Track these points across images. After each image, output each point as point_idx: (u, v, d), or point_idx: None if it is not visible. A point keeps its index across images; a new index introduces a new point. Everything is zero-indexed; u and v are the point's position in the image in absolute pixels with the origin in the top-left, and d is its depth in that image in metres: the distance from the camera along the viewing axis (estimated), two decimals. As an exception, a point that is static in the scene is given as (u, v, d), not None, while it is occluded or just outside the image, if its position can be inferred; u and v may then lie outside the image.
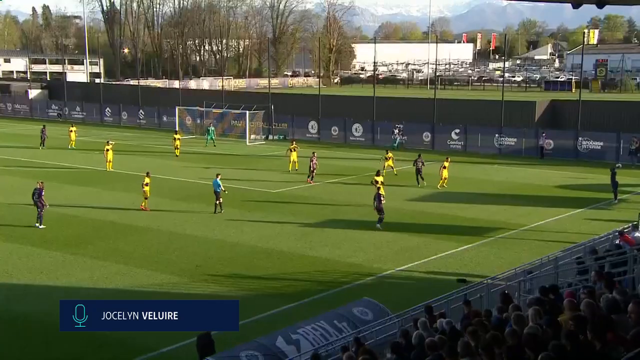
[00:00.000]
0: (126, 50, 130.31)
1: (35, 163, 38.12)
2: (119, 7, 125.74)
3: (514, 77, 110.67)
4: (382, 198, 24.28)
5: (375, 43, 71.79)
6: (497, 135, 44.11)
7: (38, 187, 24.16)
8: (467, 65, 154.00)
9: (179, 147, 40.51)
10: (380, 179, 26.79)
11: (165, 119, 57.65)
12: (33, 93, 72.19)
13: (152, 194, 27.20)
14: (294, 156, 35.57)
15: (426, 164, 32.92)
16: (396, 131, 46.69)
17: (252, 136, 49.32)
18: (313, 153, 32.49)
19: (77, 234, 23.20)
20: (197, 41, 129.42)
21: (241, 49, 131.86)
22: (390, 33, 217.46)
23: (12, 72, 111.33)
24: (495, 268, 19.30)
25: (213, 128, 47.39)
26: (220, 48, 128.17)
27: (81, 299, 16.98)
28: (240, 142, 46.90)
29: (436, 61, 62.80)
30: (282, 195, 29.99)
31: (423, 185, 31.72)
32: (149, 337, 13.36)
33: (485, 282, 14.71)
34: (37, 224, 23.74)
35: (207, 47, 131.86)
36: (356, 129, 49.30)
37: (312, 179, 31.98)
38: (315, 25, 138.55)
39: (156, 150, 42.90)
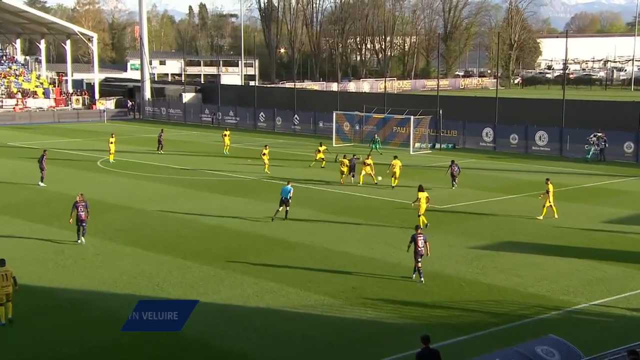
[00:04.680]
0: (282, 50, 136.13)
1: (186, 172, 40.72)
2: (276, 4, 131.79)
3: None
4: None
5: (567, 37, 68.79)
6: None
7: (78, 199, 24.35)
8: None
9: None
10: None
11: (321, 124, 59.32)
12: (187, 97, 77.14)
13: (302, 206, 29.03)
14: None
15: (622, 181, 30.85)
16: (601, 140, 43.71)
17: (417, 144, 49.25)
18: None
19: (228, 247, 24.40)
20: (358, 39, 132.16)
21: (407, 47, 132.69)
22: (586, 25, 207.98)
23: (167, 74, 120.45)
24: None
25: (379, 138, 47.77)
26: (383, 46, 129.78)
27: (231, 316, 17.95)
28: (403, 150, 46.99)
29: (643, 56, 58.84)
30: (450, 212, 29.54)
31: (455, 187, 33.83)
32: None
33: None
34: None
35: (369, 46, 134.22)
36: (540, 137, 47.52)
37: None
38: (494, 18, 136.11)
39: (310, 159, 44.12)
